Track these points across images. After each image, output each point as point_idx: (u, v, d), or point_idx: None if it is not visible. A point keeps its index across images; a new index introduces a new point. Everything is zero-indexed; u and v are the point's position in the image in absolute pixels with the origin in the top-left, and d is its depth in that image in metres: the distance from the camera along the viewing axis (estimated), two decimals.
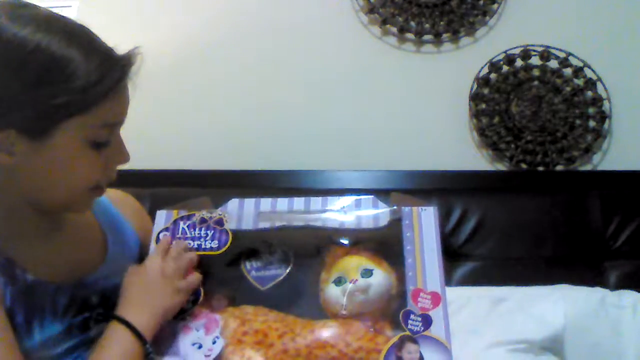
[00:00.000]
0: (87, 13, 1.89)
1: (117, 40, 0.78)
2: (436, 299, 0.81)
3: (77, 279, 0.82)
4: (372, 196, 0.89)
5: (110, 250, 0.88)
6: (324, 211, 0.89)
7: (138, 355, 0.74)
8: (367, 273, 0.82)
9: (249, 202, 0.90)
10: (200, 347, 0.79)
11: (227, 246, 0.87)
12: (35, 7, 0.73)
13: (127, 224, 0.95)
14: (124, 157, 0.79)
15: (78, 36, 0.72)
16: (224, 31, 1.91)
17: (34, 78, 0.68)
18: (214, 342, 0.79)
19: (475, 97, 1.79)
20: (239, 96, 1.89)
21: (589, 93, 1.77)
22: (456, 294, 1.41)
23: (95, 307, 0.84)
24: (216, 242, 0.87)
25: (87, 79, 0.70)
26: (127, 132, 0.86)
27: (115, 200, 0.95)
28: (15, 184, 0.74)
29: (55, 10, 0.75)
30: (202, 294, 0.83)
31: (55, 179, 0.74)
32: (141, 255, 0.95)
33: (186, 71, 1.90)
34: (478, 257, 1.65)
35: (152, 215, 1.04)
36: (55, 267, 0.81)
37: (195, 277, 0.84)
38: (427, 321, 0.79)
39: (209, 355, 0.78)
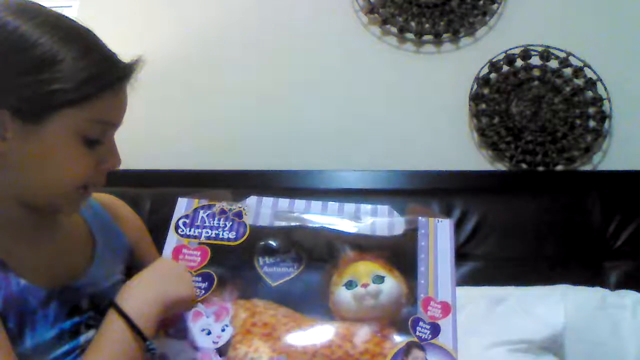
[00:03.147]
0: (87, 13, 1.89)
1: (116, 40, 0.79)
2: (446, 309, 0.81)
3: (67, 284, 0.81)
4: (388, 206, 0.90)
5: (99, 254, 0.88)
6: (340, 216, 0.90)
7: (137, 353, 0.73)
8: (379, 279, 0.83)
9: (267, 201, 0.92)
10: (209, 333, 0.80)
11: (243, 238, 0.88)
12: (41, 7, 0.76)
13: (117, 229, 0.95)
14: (116, 160, 0.79)
15: (79, 36, 0.74)
16: (224, 31, 1.91)
17: (31, 66, 0.70)
18: (223, 330, 0.80)
19: (475, 97, 1.79)
20: (238, 96, 1.89)
21: (589, 93, 1.77)
22: (456, 294, 1.41)
23: (85, 311, 0.83)
24: (234, 233, 0.88)
25: (83, 73, 0.71)
26: (128, 132, 0.87)
27: (107, 204, 0.95)
28: (6, 176, 0.74)
29: (55, 10, 0.77)
30: (215, 281, 0.84)
31: (45, 171, 0.74)
32: (131, 260, 0.95)
33: (186, 71, 1.90)
34: (478, 257, 1.65)
35: (153, 215, 1.04)
36: (46, 271, 0.80)
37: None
38: (435, 330, 0.80)
39: (217, 342, 0.79)
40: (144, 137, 1.78)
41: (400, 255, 0.86)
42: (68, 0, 1.89)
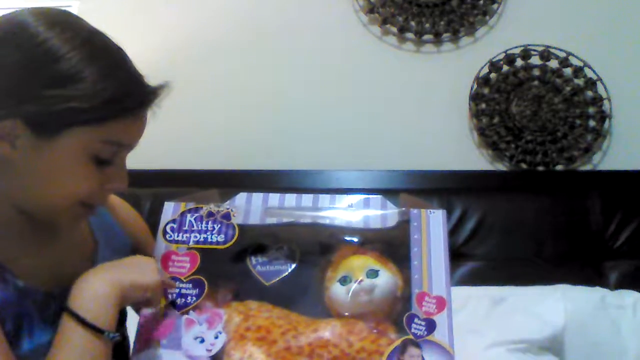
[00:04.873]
0: (86, 13, 1.88)
1: (116, 40, 0.78)
2: (441, 303, 0.80)
3: (67, 285, 0.80)
4: (380, 196, 0.89)
5: (100, 256, 0.87)
6: (332, 209, 0.89)
7: (98, 348, 0.72)
8: (373, 274, 0.82)
9: (257, 197, 0.90)
10: (202, 341, 0.79)
11: (233, 240, 0.86)
12: (77, 21, 0.75)
13: (119, 231, 0.94)
14: (123, 182, 0.78)
15: (108, 55, 0.73)
16: (224, 32, 1.91)
17: (52, 80, 0.69)
18: (216, 337, 0.79)
19: (475, 97, 1.79)
20: (238, 96, 1.89)
21: (589, 93, 1.77)
22: (456, 294, 1.39)
23: None
24: (222, 236, 0.87)
25: (104, 94, 0.70)
26: None
27: (110, 205, 0.95)
28: (8, 182, 0.73)
29: (92, 26, 0.76)
30: (206, 287, 0.83)
31: (49, 185, 0.73)
32: None
33: (186, 71, 1.89)
34: (478, 257, 1.65)
35: (153, 215, 1.04)
36: (46, 273, 0.80)
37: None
38: (431, 326, 0.79)
39: (210, 350, 0.78)
40: (143, 138, 1.78)
41: (394, 247, 0.84)
42: (68, 0, 1.89)
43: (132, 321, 0.86)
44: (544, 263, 1.62)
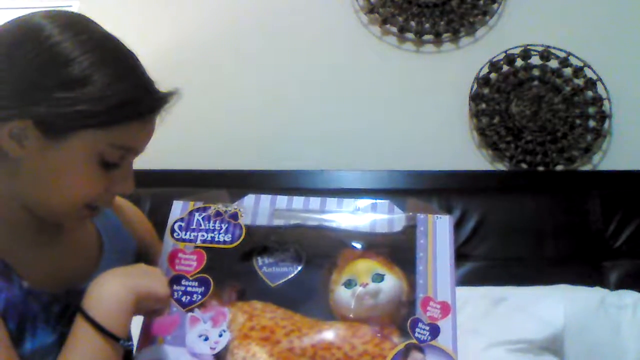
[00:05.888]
0: (86, 12, 1.88)
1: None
2: (446, 309, 0.80)
3: (72, 287, 0.81)
4: (388, 201, 0.89)
5: (105, 257, 0.88)
6: (339, 212, 0.89)
7: (111, 355, 0.72)
8: (379, 278, 0.82)
9: (265, 199, 0.91)
10: (206, 339, 0.79)
11: (240, 240, 0.87)
12: (90, 24, 0.75)
13: (125, 231, 0.94)
14: (129, 186, 0.78)
15: (119, 59, 0.74)
16: (225, 31, 1.91)
17: (62, 83, 0.69)
18: (220, 335, 0.79)
19: (475, 97, 1.79)
20: (238, 96, 1.89)
21: (589, 93, 1.77)
22: (456, 294, 1.41)
23: None
24: (230, 235, 0.87)
25: (113, 99, 0.70)
26: None
27: (116, 206, 0.94)
28: (14, 182, 0.73)
29: (104, 30, 0.76)
30: (212, 286, 0.83)
31: (54, 187, 0.73)
32: (138, 262, 0.94)
33: (186, 71, 1.89)
34: (478, 257, 1.65)
35: (153, 215, 1.04)
36: (51, 274, 0.80)
37: None
38: (435, 331, 0.79)
39: (214, 348, 0.78)
40: None
41: (400, 251, 0.85)
42: (68, 0, 1.89)
43: (135, 318, 0.86)
44: (544, 263, 1.62)
